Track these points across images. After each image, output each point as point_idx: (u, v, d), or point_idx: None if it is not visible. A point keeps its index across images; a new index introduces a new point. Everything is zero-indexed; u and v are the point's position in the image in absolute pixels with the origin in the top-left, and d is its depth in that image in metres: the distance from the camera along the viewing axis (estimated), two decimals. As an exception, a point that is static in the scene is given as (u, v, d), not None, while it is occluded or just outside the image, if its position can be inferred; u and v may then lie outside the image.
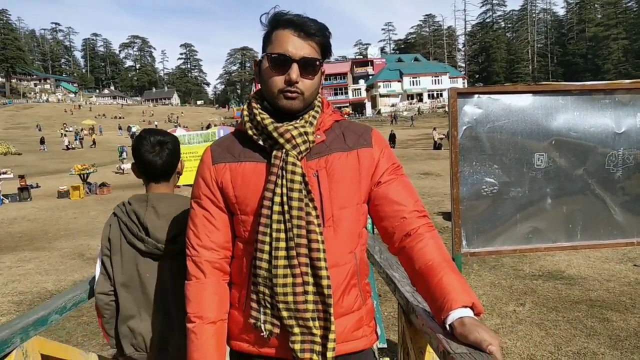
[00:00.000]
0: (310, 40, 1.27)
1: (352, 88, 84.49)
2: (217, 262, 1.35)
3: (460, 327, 1.10)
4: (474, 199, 2.71)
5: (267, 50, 1.29)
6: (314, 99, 1.35)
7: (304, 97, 1.29)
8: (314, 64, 1.27)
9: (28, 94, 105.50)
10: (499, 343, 1.07)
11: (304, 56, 1.25)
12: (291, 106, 1.29)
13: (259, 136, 1.31)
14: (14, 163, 24.91)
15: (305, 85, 1.28)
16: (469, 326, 1.09)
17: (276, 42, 1.27)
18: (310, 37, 1.27)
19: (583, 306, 5.07)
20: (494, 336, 1.07)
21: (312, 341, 1.23)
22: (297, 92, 1.27)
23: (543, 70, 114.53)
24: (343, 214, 1.30)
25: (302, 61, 1.25)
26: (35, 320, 1.40)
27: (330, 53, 1.35)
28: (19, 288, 6.84)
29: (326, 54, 1.33)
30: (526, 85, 2.64)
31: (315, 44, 1.28)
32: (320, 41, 1.29)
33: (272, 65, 1.28)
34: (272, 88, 1.28)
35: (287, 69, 1.25)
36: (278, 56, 1.26)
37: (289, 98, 1.27)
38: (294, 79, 1.25)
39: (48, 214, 13.87)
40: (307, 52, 1.26)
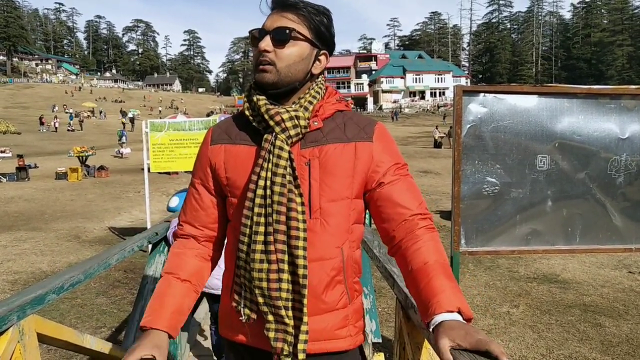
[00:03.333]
0: (288, 12, 1.25)
1: (355, 82, 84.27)
2: (199, 239, 1.38)
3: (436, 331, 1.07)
4: (475, 198, 2.70)
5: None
6: (298, 76, 1.29)
7: (276, 68, 1.25)
8: (284, 32, 1.24)
9: (29, 73, 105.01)
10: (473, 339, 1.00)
11: (277, 26, 1.24)
12: (262, 79, 1.26)
13: (255, 118, 1.29)
14: (13, 142, 24.86)
15: (278, 56, 1.24)
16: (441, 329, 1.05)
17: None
18: (287, 9, 1.25)
19: (576, 310, 5.09)
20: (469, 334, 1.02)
21: (285, 331, 1.20)
22: (268, 62, 1.24)
23: (547, 74, 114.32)
24: (332, 207, 1.26)
25: (274, 32, 1.24)
26: (32, 298, 1.40)
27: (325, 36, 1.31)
28: (13, 267, 6.85)
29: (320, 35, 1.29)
30: (532, 86, 2.62)
31: (294, 16, 1.25)
32: (304, 15, 1.26)
33: (252, 42, 1.29)
34: (253, 65, 1.29)
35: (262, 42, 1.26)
36: (255, 30, 1.28)
37: (261, 71, 1.25)
38: (262, 47, 1.23)
39: (45, 195, 13.84)
40: (282, 23, 1.24)
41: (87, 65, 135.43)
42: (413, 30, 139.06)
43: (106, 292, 5.88)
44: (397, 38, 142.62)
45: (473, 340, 1.00)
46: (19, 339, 1.32)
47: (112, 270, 6.66)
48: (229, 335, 1.34)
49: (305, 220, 1.22)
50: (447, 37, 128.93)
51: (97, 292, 5.86)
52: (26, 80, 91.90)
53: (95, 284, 6.11)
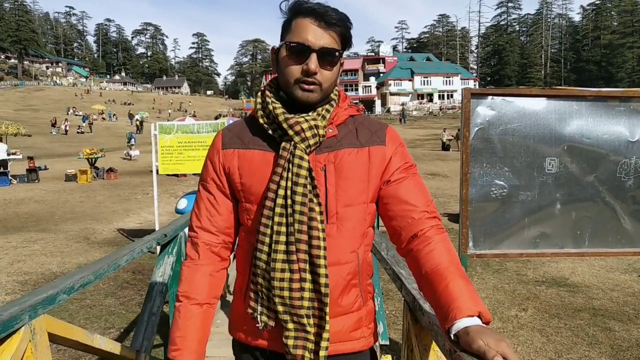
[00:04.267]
0: (331, 30, 1.23)
1: (363, 85, 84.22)
2: (215, 246, 1.35)
3: (465, 336, 1.04)
4: (483, 200, 2.69)
5: (287, 39, 1.26)
6: (332, 91, 1.31)
7: (322, 88, 1.25)
8: (333, 54, 1.23)
9: (40, 76, 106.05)
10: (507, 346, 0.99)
11: (324, 46, 1.22)
12: (307, 98, 1.24)
13: (270, 125, 1.28)
14: (23, 144, 25.07)
15: (324, 77, 1.24)
16: (472, 334, 1.03)
17: (296, 30, 1.24)
18: (330, 26, 1.23)
19: (586, 314, 5.05)
20: (500, 338, 1.01)
21: (305, 338, 1.21)
22: (315, 84, 1.23)
23: (556, 76, 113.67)
24: (348, 211, 1.26)
25: (322, 51, 1.21)
26: (43, 298, 1.41)
27: (351, 45, 1.30)
28: (24, 268, 6.91)
29: (346, 46, 1.29)
30: (541, 88, 2.61)
31: (335, 34, 1.24)
32: (341, 32, 1.25)
33: (290, 54, 1.24)
34: (289, 78, 1.24)
35: (305, 58, 1.22)
36: (297, 45, 1.22)
37: (306, 90, 1.23)
38: (313, 70, 1.21)
39: (55, 197, 13.96)
40: (327, 42, 1.22)
41: (97, 68, 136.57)
42: (421, 32, 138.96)
43: (115, 293, 5.92)
44: (405, 41, 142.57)
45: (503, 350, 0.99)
46: (30, 338, 1.34)
47: (120, 271, 6.70)
48: (243, 338, 1.34)
49: (324, 228, 1.22)
50: (455, 40, 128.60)
51: (106, 293, 5.90)
52: (37, 83, 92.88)
53: (104, 285, 6.15)
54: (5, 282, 6.25)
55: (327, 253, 1.21)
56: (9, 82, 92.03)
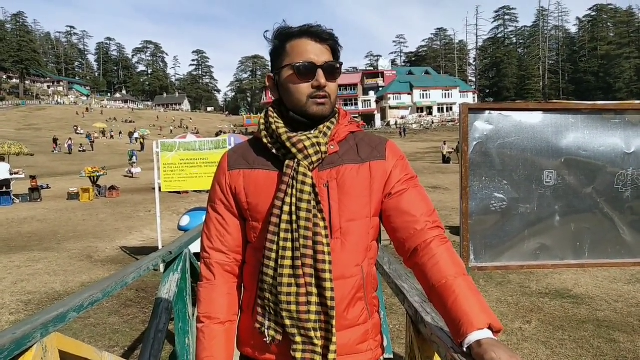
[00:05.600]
0: (326, 45, 1.31)
1: (362, 99, 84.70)
2: (228, 265, 1.38)
3: (477, 348, 1.07)
4: (483, 214, 2.72)
5: (285, 62, 1.31)
6: (335, 104, 1.37)
7: (331, 100, 1.32)
8: (334, 67, 1.31)
9: (41, 95, 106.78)
10: None
11: (326, 61, 1.29)
12: (323, 111, 1.30)
13: (274, 145, 1.32)
14: (26, 164, 25.17)
15: (331, 89, 1.31)
16: (485, 347, 1.05)
17: (296, 52, 1.29)
18: (325, 42, 1.31)
19: (590, 326, 5.03)
20: (512, 355, 1.02)
21: (313, 351, 1.24)
22: (326, 97, 1.30)
23: (554, 87, 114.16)
24: (351, 226, 1.29)
25: (326, 66, 1.29)
26: (54, 317, 1.44)
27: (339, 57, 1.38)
28: (27, 288, 6.91)
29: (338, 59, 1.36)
30: (537, 103, 2.66)
31: (329, 49, 1.32)
32: (332, 45, 1.33)
33: (298, 74, 1.29)
34: (300, 96, 1.29)
35: (313, 75, 1.28)
36: (303, 64, 1.28)
37: (320, 104, 1.29)
38: (323, 84, 1.28)
39: (58, 215, 13.99)
40: (328, 57, 1.30)
41: (98, 86, 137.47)
42: (419, 46, 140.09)
43: (119, 312, 5.91)
44: (403, 54, 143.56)
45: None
46: (42, 356, 1.37)
47: (124, 289, 6.70)
48: (250, 353, 1.37)
49: (329, 242, 1.26)
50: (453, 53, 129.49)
51: (110, 312, 5.89)
52: (38, 103, 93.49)
53: (108, 303, 6.15)
54: (9, 302, 6.25)
55: (332, 267, 1.24)
56: (11, 101, 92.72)
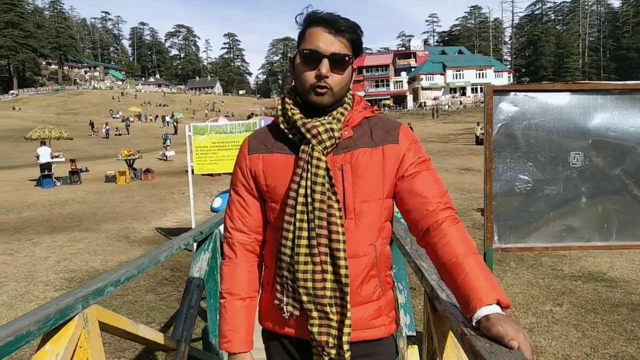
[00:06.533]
0: (341, 36, 1.32)
1: (394, 80, 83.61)
2: (249, 245, 1.46)
3: (485, 322, 1.11)
4: (508, 195, 2.71)
5: (300, 47, 1.36)
6: (344, 94, 1.40)
7: (333, 92, 1.34)
8: (343, 59, 1.32)
9: (79, 81, 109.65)
10: (525, 337, 1.05)
11: (334, 52, 1.31)
12: (321, 101, 1.34)
13: (290, 130, 1.38)
14: (65, 147, 26.03)
15: (335, 81, 1.33)
16: (492, 320, 1.10)
17: (308, 39, 1.33)
18: (340, 33, 1.32)
19: (624, 309, 4.95)
20: (518, 329, 1.06)
21: (329, 325, 1.31)
22: (327, 87, 1.33)
23: (594, 65, 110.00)
24: (365, 207, 1.35)
25: (332, 57, 1.31)
26: (94, 290, 1.56)
27: (362, 51, 1.40)
28: (69, 266, 7.25)
29: (357, 52, 1.38)
30: (564, 83, 2.61)
31: (345, 41, 1.33)
32: (351, 38, 1.34)
33: (304, 61, 1.33)
34: (304, 83, 1.34)
35: (317, 64, 1.31)
36: (309, 52, 1.32)
37: (319, 94, 1.33)
38: (324, 74, 1.30)
39: (96, 197, 14.50)
40: (337, 48, 1.31)
41: (132, 71, 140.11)
42: (452, 25, 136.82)
43: (155, 290, 6.15)
44: (436, 34, 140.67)
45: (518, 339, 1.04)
46: (83, 325, 1.49)
47: (159, 269, 6.95)
48: (271, 327, 1.46)
49: (343, 223, 1.32)
50: (488, 32, 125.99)
51: (147, 290, 6.14)
52: (76, 88, 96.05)
53: (145, 282, 6.41)
54: (53, 279, 6.59)
55: (346, 246, 1.31)
56: (50, 87, 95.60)
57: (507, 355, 0.95)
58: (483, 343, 1.01)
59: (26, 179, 19.31)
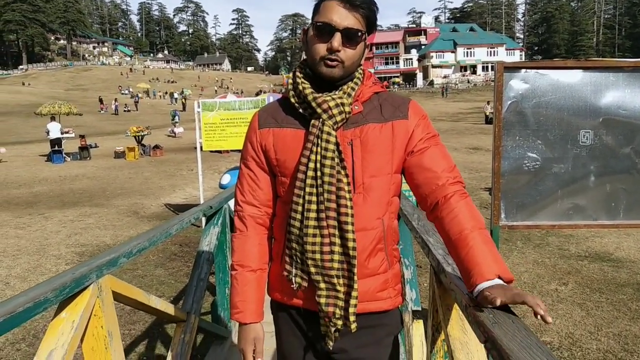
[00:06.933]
0: (355, 11, 1.32)
1: (404, 58, 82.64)
2: (260, 218, 1.49)
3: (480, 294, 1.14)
4: (516, 173, 2.71)
5: (314, 19, 1.36)
6: (355, 69, 1.40)
7: (344, 65, 1.34)
8: (356, 34, 1.32)
9: (87, 56, 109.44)
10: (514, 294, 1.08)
11: (347, 26, 1.31)
12: (331, 74, 1.34)
13: (300, 105, 1.39)
14: (75, 123, 26.15)
15: (347, 55, 1.33)
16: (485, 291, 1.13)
17: (323, 11, 1.33)
18: (355, 8, 1.32)
19: (629, 289, 4.98)
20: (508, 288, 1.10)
21: (336, 297, 1.34)
22: (338, 61, 1.33)
23: (609, 44, 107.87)
24: (373, 182, 1.36)
25: (345, 31, 1.31)
26: (108, 261, 1.60)
27: (375, 27, 1.39)
28: (80, 240, 7.37)
29: (371, 28, 1.38)
30: (576, 60, 2.58)
31: (360, 16, 1.33)
32: (366, 14, 1.34)
33: (317, 33, 1.33)
34: (315, 55, 1.34)
35: (330, 37, 1.31)
36: (323, 24, 1.32)
37: (329, 66, 1.33)
38: (336, 47, 1.30)
39: (106, 173, 14.63)
40: (351, 23, 1.31)
41: (141, 46, 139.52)
42: (464, 2, 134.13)
43: (164, 264, 6.25)
44: (447, 11, 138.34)
45: (510, 294, 1.08)
46: (98, 294, 1.53)
47: (168, 244, 7.05)
48: (280, 298, 1.49)
49: (352, 197, 1.34)
50: (500, 8, 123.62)
51: (156, 264, 6.24)
52: (85, 63, 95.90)
53: (154, 257, 6.51)
54: (65, 253, 6.71)
55: (354, 220, 1.33)
56: (59, 62, 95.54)
57: (510, 325, 0.98)
58: (487, 314, 1.04)
59: (37, 154, 19.49)
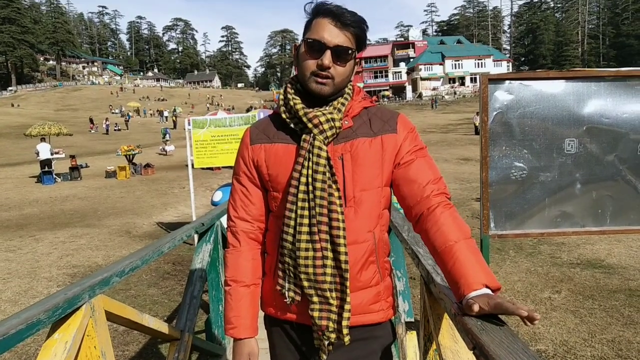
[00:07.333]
0: (346, 30, 1.35)
1: (393, 71, 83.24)
2: (252, 233, 1.50)
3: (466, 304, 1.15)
4: (503, 182, 2.75)
5: (306, 36, 1.39)
6: (345, 85, 1.43)
7: (334, 82, 1.37)
8: (346, 52, 1.36)
9: (77, 76, 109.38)
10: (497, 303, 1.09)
11: (338, 44, 1.34)
12: (321, 90, 1.37)
13: (292, 120, 1.41)
14: (65, 144, 26.06)
15: (337, 72, 1.36)
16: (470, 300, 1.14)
17: (314, 29, 1.37)
18: (345, 27, 1.35)
19: (621, 295, 5.01)
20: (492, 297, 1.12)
21: (329, 310, 1.35)
22: (328, 77, 1.36)
23: (594, 53, 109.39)
24: (364, 195, 1.38)
25: (336, 49, 1.34)
26: (100, 280, 1.60)
27: (365, 45, 1.43)
28: (72, 262, 7.30)
29: (361, 45, 1.41)
30: (558, 71, 2.64)
31: (350, 34, 1.36)
32: (356, 32, 1.37)
33: (308, 50, 1.36)
34: (306, 71, 1.38)
35: (321, 54, 1.34)
36: (313, 42, 1.35)
37: (320, 83, 1.36)
38: (326, 64, 1.34)
39: (97, 193, 14.53)
40: (341, 41, 1.34)
41: (131, 65, 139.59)
42: (451, 15, 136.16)
43: (157, 284, 6.21)
44: (434, 24, 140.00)
45: (492, 303, 1.10)
46: (91, 314, 1.53)
47: (161, 262, 7.01)
48: (274, 313, 1.50)
49: (343, 211, 1.36)
50: (487, 20, 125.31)
51: (149, 284, 6.19)
52: (74, 83, 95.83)
53: (147, 276, 6.46)
54: (56, 275, 6.64)
55: (346, 233, 1.35)
56: (49, 83, 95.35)
57: (496, 331, 1.00)
58: (475, 321, 1.06)
59: (27, 176, 19.34)
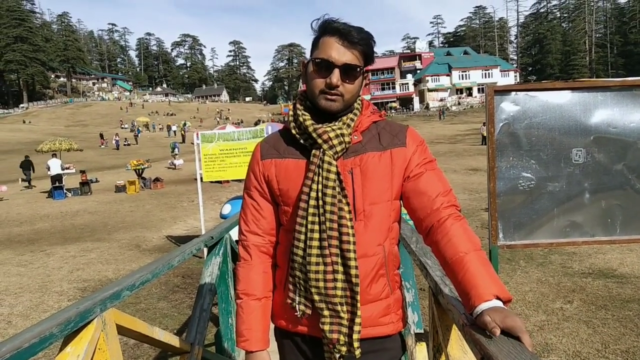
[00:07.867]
0: (353, 48, 1.37)
1: (400, 83, 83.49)
2: (263, 247, 1.52)
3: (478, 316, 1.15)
4: (511, 193, 2.75)
5: (314, 55, 1.42)
6: (354, 101, 1.46)
7: (343, 99, 1.40)
8: (354, 69, 1.38)
9: (87, 92, 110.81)
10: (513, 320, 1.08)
11: (346, 62, 1.36)
12: (330, 107, 1.39)
13: (301, 135, 1.44)
14: (75, 159, 26.34)
15: (346, 89, 1.39)
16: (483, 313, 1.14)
17: (322, 47, 1.39)
18: (353, 45, 1.37)
19: (635, 305, 4.94)
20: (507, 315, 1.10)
21: (340, 323, 1.36)
22: (337, 95, 1.39)
23: (602, 62, 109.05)
24: (374, 209, 1.40)
25: (344, 67, 1.37)
26: (111, 294, 1.62)
27: (373, 60, 1.45)
28: (83, 276, 7.35)
29: (368, 62, 1.44)
30: (564, 82, 2.65)
31: (358, 52, 1.39)
32: (363, 50, 1.39)
33: (316, 69, 1.39)
34: (314, 89, 1.40)
35: (329, 73, 1.37)
36: (322, 61, 1.38)
37: (329, 100, 1.39)
38: (334, 83, 1.36)
39: (107, 207, 14.64)
40: (349, 59, 1.37)
41: (140, 81, 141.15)
42: (457, 26, 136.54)
43: (167, 297, 6.22)
44: (441, 35, 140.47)
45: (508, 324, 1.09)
46: (102, 328, 1.55)
47: (171, 276, 7.03)
48: (284, 325, 1.51)
49: (353, 225, 1.37)
50: (493, 31, 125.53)
51: (159, 297, 6.21)
52: (85, 99, 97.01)
53: (157, 290, 6.48)
54: (67, 289, 6.68)
55: (356, 247, 1.36)
56: (60, 99, 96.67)
57: (505, 342, 1.00)
58: (483, 332, 1.06)
59: (38, 191, 19.55)
